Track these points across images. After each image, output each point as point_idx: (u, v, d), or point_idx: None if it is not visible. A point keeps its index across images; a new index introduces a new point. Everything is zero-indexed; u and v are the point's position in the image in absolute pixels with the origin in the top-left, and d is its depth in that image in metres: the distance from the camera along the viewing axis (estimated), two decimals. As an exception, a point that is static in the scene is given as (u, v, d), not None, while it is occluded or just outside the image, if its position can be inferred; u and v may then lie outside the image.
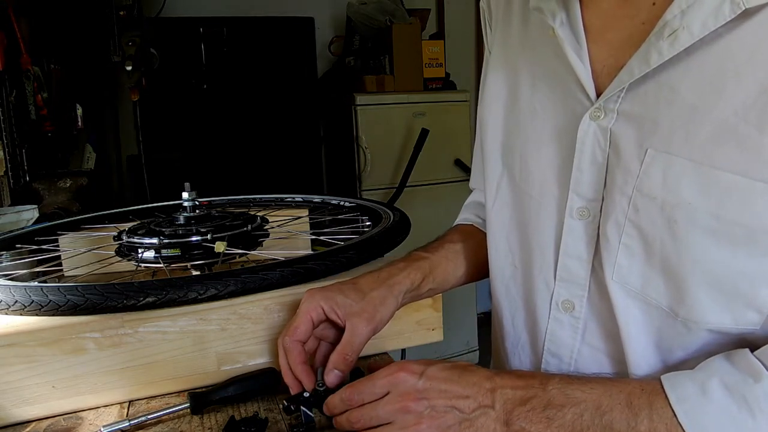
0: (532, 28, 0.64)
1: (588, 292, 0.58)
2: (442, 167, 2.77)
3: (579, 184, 0.57)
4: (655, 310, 0.53)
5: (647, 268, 0.52)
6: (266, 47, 2.71)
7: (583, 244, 0.58)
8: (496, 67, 0.70)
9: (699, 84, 0.48)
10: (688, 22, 0.47)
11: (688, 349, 0.53)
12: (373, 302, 0.63)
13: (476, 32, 3.37)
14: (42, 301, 0.60)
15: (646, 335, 0.54)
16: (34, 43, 1.91)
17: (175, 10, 2.72)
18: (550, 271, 0.61)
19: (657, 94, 0.51)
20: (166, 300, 0.61)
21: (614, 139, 0.54)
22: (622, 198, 0.53)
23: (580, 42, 0.57)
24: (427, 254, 0.73)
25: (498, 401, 0.51)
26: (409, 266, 0.69)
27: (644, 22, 0.52)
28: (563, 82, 0.59)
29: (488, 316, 0.89)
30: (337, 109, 2.83)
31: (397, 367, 0.53)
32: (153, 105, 2.42)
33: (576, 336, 0.60)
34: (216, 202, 1.13)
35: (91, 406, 0.62)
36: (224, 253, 0.74)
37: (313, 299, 0.62)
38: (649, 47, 0.50)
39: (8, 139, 1.67)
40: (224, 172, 2.59)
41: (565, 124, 0.58)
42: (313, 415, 0.57)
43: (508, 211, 0.67)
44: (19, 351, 0.58)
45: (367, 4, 2.81)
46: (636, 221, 0.52)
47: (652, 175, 0.50)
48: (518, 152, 0.64)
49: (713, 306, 0.49)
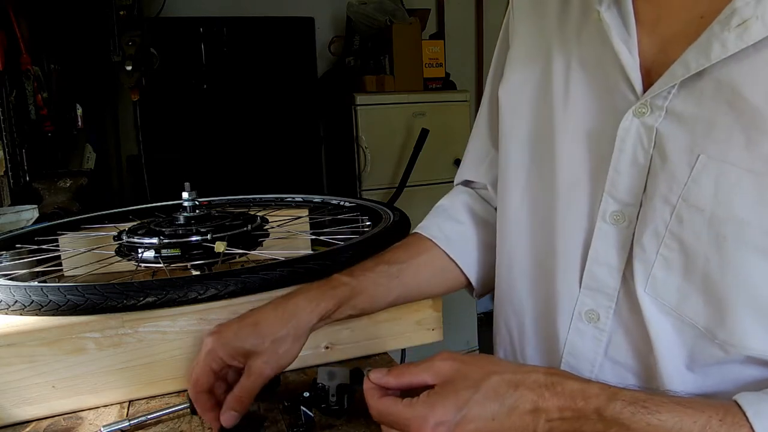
0: (573, 10, 0.58)
1: (616, 303, 0.54)
2: (442, 167, 2.77)
3: (615, 186, 0.52)
4: (690, 329, 0.49)
5: (685, 284, 0.48)
6: (266, 47, 2.71)
7: (614, 252, 0.53)
8: (522, 48, 0.65)
9: (767, 85, 0.43)
10: (763, 11, 0.42)
11: (725, 374, 0.49)
12: (274, 345, 0.57)
13: (476, 32, 3.37)
14: (42, 301, 0.60)
15: (679, 355, 0.50)
16: (34, 43, 1.91)
17: (175, 10, 2.72)
18: (574, 277, 0.56)
19: (716, 94, 0.45)
20: (166, 300, 0.61)
21: (660, 140, 0.49)
22: (665, 206, 0.48)
23: (630, 30, 0.52)
24: (349, 279, 0.64)
25: (540, 428, 0.45)
26: (323, 295, 0.61)
27: (703, 15, 0.47)
28: (605, 72, 0.53)
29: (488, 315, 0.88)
30: (337, 109, 2.83)
31: (435, 397, 0.46)
32: (153, 105, 2.42)
33: (599, 349, 0.55)
34: (216, 202, 1.13)
35: (91, 406, 0.62)
36: (224, 253, 0.74)
37: (212, 349, 0.56)
38: (710, 38, 0.44)
39: (8, 139, 1.67)
40: (224, 172, 2.59)
41: (603, 119, 0.53)
42: (313, 415, 0.57)
43: (529, 208, 0.62)
44: (19, 351, 0.58)
45: (367, 4, 2.81)
46: (678, 233, 0.48)
47: (703, 184, 0.46)
48: (547, 144, 0.59)
49: (757, 331, 0.45)
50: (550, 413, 0.44)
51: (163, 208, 1.09)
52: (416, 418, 0.45)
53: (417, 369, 0.49)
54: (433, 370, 0.48)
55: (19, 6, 1.80)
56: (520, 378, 0.46)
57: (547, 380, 0.46)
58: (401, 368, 0.50)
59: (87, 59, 2.36)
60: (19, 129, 1.75)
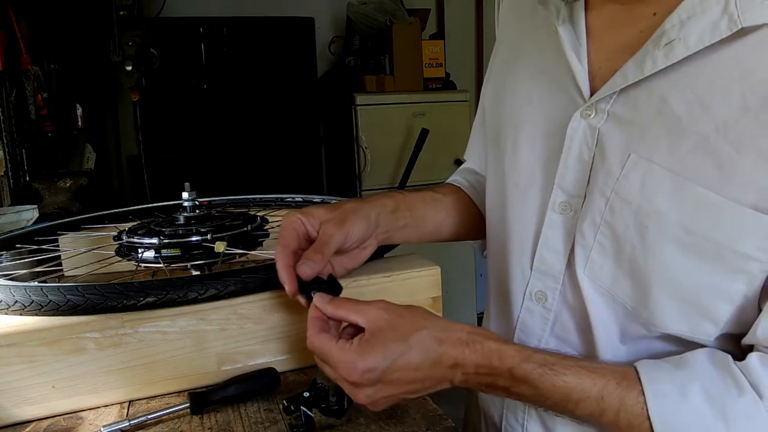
0: (539, 20, 0.65)
1: (561, 285, 0.59)
2: (442, 167, 2.77)
3: (564, 179, 0.58)
4: (621, 308, 0.55)
5: (617, 268, 0.54)
6: (266, 47, 2.71)
7: (561, 238, 0.59)
8: (501, 54, 0.73)
9: (688, 97, 0.49)
10: (685, 34, 0.48)
11: (650, 347, 0.55)
12: (344, 211, 0.64)
13: (476, 32, 3.37)
14: (42, 301, 0.60)
15: (613, 331, 0.56)
16: (34, 43, 1.91)
17: (175, 10, 2.72)
18: (527, 261, 0.62)
19: (647, 102, 0.51)
20: (166, 300, 0.61)
21: (601, 139, 0.54)
22: (601, 198, 0.54)
23: (581, 41, 0.58)
24: (400, 193, 0.74)
25: (456, 379, 0.52)
26: (381, 195, 0.71)
27: (643, 30, 0.53)
28: (560, 78, 0.59)
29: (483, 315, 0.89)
30: (337, 109, 2.83)
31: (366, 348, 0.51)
32: (153, 105, 2.43)
33: (545, 327, 0.61)
34: (216, 202, 1.13)
35: (91, 406, 0.62)
36: (224, 253, 0.74)
37: (291, 215, 0.62)
38: (645, 54, 0.51)
39: (8, 139, 1.67)
40: (224, 172, 2.59)
41: (557, 120, 0.59)
42: (313, 415, 0.57)
43: (496, 198, 0.69)
44: (19, 351, 0.58)
45: (367, 4, 2.81)
46: (611, 222, 0.53)
47: (631, 179, 0.51)
48: (510, 140, 0.65)
49: (672, 313, 0.51)
50: (467, 368, 0.52)
51: (163, 208, 1.09)
52: (347, 362, 0.51)
53: (353, 308, 0.54)
54: (368, 315, 0.53)
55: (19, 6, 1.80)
56: (445, 336, 0.52)
57: (468, 338, 0.52)
58: (341, 301, 0.56)
59: (87, 59, 2.36)
60: (19, 129, 1.75)
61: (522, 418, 0.65)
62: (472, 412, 0.78)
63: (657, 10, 0.52)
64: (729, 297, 0.49)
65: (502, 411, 0.67)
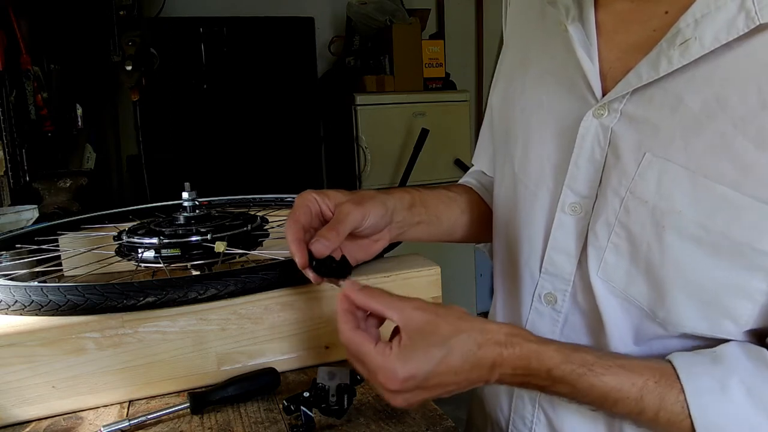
0: (548, 21, 0.64)
1: (572, 287, 0.59)
2: (442, 167, 2.77)
3: (574, 179, 0.57)
4: (636, 309, 0.54)
5: (632, 268, 0.53)
6: (266, 47, 2.71)
7: (572, 240, 0.58)
8: (510, 56, 0.72)
9: (703, 94, 0.48)
10: (700, 33, 0.47)
11: (665, 346, 0.54)
12: (362, 195, 0.62)
13: (476, 32, 3.37)
14: (42, 301, 0.60)
15: (626, 332, 0.56)
16: (34, 43, 1.91)
17: (175, 10, 2.72)
18: (536, 263, 0.62)
19: (662, 101, 0.51)
20: (166, 300, 0.61)
21: (614, 138, 0.54)
22: (615, 198, 0.53)
23: (591, 40, 0.57)
24: (416, 189, 0.72)
25: (493, 379, 0.51)
26: (398, 189, 0.69)
27: (656, 29, 0.52)
28: (571, 78, 0.59)
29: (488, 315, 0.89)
30: (337, 109, 2.83)
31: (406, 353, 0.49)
32: (153, 105, 2.42)
33: (555, 329, 0.61)
34: (216, 202, 1.13)
35: (91, 406, 0.62)
36: (224, 253, 0.74)
37: (307, 193, 0.61)
38: (659, 54, 0.50)
39: (8, 139, 1.67)
40: (224, 172, 2.59)
41: (568, 120, 0.58)
42: (313, 415, 0.57)
43: (505, 199, 0.68)
44: (19, 351, 0.58)
45: (367, 4, 2.81)
46: (626, 222, 0.53)
47: (647, 179, 0.51)
48: (520, 142, 0.65)
49: (691, 312, 0.51)
50: (504, 368, 0.50)
51: (163, 208, 1.09)
52: (387, 370, 0.48)
53: (389, 303, 0.51)
54: (405, 314, 0.50)
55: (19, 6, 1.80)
56: (484, 339, 0.50)
57: (506, 340, 0.50)
58: (372, 292, 0.52)
59: (87, 59, 2.36)
60: (19, 129, 1.75)
61: (530, 422, 0.64)
62: (475, 415, 0.78)
63: (669, 8, 0.52)
64: (749, 295, 0.48)
65: (509, 416, 0.67)
